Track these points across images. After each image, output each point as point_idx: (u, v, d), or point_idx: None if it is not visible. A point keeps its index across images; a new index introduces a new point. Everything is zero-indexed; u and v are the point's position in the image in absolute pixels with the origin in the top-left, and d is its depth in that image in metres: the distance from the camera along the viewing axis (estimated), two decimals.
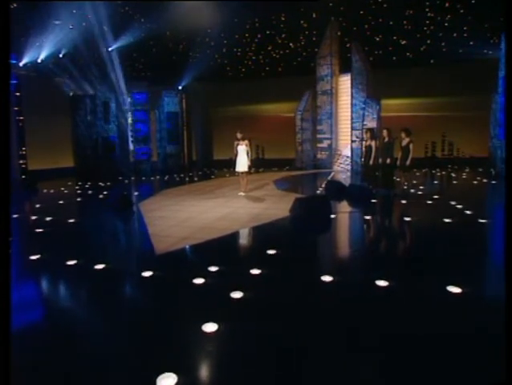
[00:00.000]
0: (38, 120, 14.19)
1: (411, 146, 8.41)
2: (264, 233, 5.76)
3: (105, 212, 7.62)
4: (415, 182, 10.63)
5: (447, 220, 5.93)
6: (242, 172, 9.07)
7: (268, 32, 16.55)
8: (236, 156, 9.01)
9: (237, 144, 8.94)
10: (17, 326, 2.75)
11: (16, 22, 12.18)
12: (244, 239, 5.44)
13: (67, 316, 3.12)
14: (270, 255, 4.48)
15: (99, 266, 4.24)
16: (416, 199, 8.25)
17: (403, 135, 8.52)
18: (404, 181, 8.98)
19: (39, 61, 13.47)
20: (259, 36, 16.92)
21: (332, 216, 6.56)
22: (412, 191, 9.16)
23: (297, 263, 4.25)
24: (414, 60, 16.80)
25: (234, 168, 9.07)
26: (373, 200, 8.11)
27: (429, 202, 7.72)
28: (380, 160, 9.01)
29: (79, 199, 9.43)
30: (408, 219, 6.24)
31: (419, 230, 5.70)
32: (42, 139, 14.41)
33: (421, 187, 9.99)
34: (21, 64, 13.60)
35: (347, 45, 16.12)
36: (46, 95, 14.41)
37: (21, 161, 12.54)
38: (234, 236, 5.46)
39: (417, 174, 13.09)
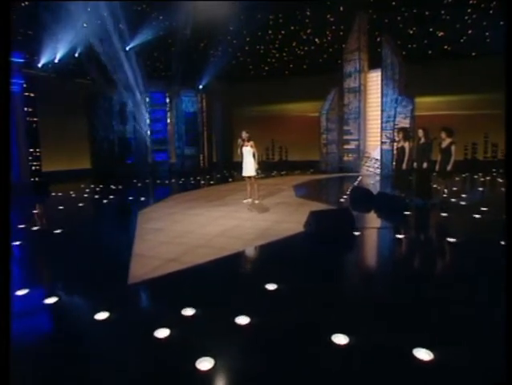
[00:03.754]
0: (55, 121, 13.77)
1: (453, 148, 6.99)
2: (268, 257, 4.61)
3: (99, 222, 6.77)
4: (455, 189, 9.06)
5: (505, 243, 4.52)
6: (249, 177, 7.94)
7: (292, 28, 15.38)
8: (241, 157, 7.90)
9: (242, 145, 7.78)
10: None
11: (33, 22, 11.77)
12: (241, 265, 4.31)
13: None
14: (269, 292, 3.34)
15: (50, 300, 3.28)
16: (460, 211, 6.80)
17: (443, 135, 7.11)
18: (443, 189, 7.54)
19: (56, 61, 12.99)
20: (283, 32, 15.77)
21: (356, 233, 5.31)
22: (454, 200, 7.68)
23: (301, 308, 3.07)
24: (453, 53, 14.98)
25: (241, 172, 8.01)
26: (406, 213, 6.73)
27: (477, 216, 6.26)
28: (415, 165, 7.59)
29: (81, 204, 8.68)
30: (452, 240, 4.87)
31: (470, 258, 4.31)
32: (59, 140, 13.99)
33: (464, 195, 8.45)
34: (39, 65, 13.20)
35: (378, 39, 14.69)
36: (63, 95, 13.96)
37: (34, 163, 12.07)
38: (230, 260, 4.35)
39: (456, 179, 11.40)
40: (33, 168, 12.04)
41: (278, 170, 16.89)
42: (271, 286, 3.44)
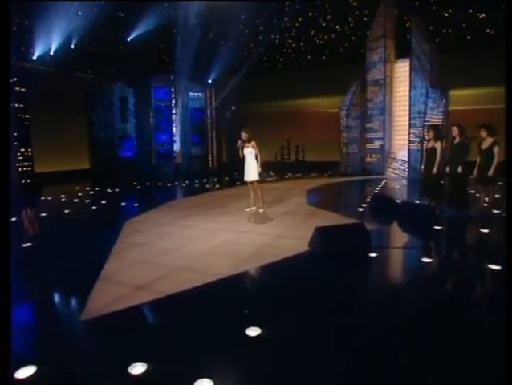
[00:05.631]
0: (52, 118, 13.54)
1: (495, 149, 6.19)
2: (259, 286, 3.98)
3: (77, 235, 6.29)
4: (498, 197, 8.10)
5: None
6: (252, 182, 7.36)
7: (310, 14, 14.70)
8: (243, 160, 7.33)
9: (243, 147, 7.20)
10: None
11: (26, 12, 11.58)
12: (222, 296, 3.64)
13: None
14: (249, 341, 2.70)
15: None
16: (505, 226, 5.93)
17: (483, 134, 6.33)
18: (484, 198, 6.69)
19: (52, 53, 12.78)
20: (300, 19, 15.11)
21: (372, 254, 4.58)
22: (496, 212, 6.79)
23: (288, 366, 2.41)
24: (496, 38, 13.86)
25: (243, 176, 7.46)
26: (437, 227, 5.93)
27: None
28: (448, 168, 6.78)
29: (66, 210, 8.28)
30: (496, 268, 4.07)
31: None
32: (56, 138, 13.76)
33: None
34: (34, 57, 13.03)
35: (406, 24, 13.82)
36: (61, 90, 13.73)
37: (25, 163, 11.83)
38: (211, 288, 3.73)
39: (499, 184, 10.33)
40: (24, 168, 11.81)
41: (293, 172, 16.21)
42: (253, 332, 2.80)
